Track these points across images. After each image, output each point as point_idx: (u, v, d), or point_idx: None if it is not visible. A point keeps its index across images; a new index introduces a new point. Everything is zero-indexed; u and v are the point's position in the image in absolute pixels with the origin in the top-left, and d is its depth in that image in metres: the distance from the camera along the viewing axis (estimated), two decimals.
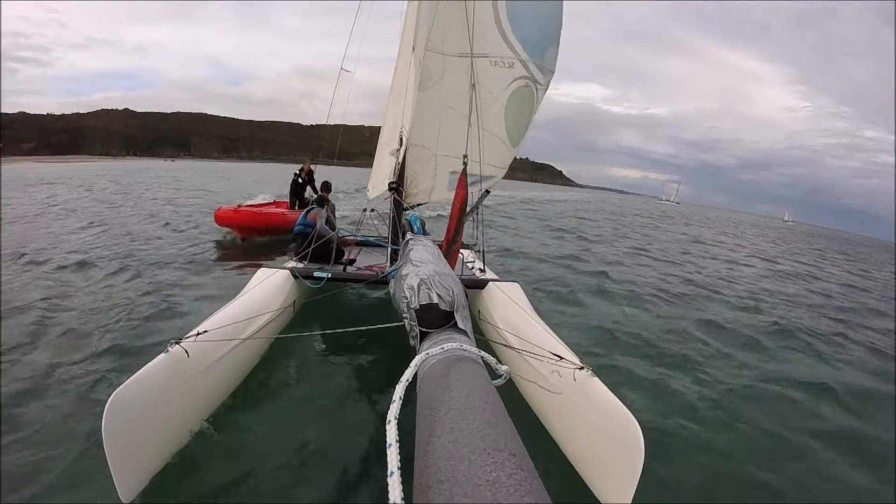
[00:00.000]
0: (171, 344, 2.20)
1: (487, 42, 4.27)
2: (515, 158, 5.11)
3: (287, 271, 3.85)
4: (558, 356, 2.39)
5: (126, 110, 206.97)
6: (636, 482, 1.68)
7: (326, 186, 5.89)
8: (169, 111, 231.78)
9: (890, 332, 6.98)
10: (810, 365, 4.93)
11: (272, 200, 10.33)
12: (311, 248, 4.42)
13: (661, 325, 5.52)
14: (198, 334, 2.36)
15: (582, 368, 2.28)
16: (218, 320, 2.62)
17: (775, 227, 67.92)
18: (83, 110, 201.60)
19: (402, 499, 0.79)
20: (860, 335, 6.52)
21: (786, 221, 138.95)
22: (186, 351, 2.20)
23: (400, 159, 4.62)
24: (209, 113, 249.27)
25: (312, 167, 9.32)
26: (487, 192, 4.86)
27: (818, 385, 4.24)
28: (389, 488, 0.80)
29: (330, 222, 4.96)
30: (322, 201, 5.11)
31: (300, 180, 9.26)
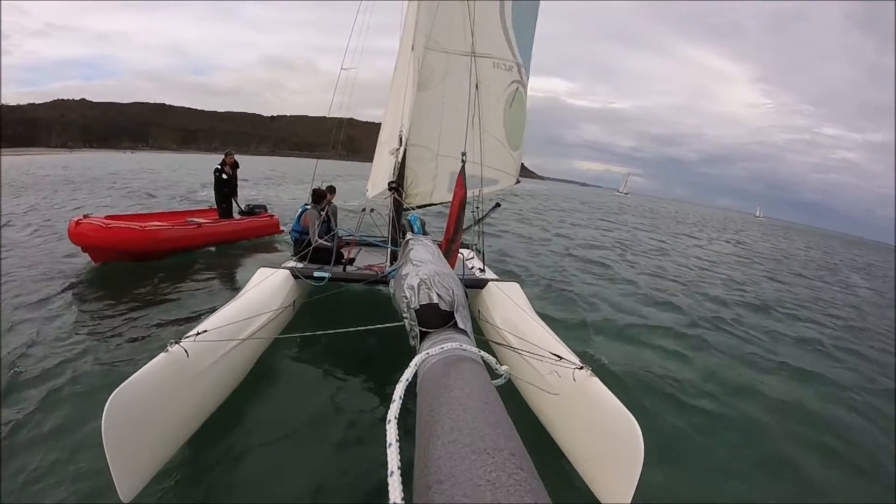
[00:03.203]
0: (171, 343, 2.19)
1: (492, 43, 4.24)
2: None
3: (287, 271, 3.85)
4: (558, 356, 2.39)
5: (83, 100, 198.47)
6: (636, 482, 1.69)
7: (331, 189, 5.68)
8: (129, 101, 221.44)
9: None
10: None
11: (209, 207, 8.50)
12: (310, 249, 4.41)
13: None
14: (197, 334, 2.36)
15: (581, 368, 2.28)
16: (218, 320, 2.62)
17: (751, 222, 66.08)
18: (40, 100, 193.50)
19: (402, 499, 0.78)
20: None
21: (757, 217, 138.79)
22: (186, 351, 2.20)
23: (399, 158, 4.62)
24: (170, 103, 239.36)
25: (236, 158, 7.87)
26: (498, 205, 4.84)
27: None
28: (389, 488, 0.80)
29: (328, 224, 4.91)
30: (318, 198, 4.94)
31: (224, 175, 7.58)
